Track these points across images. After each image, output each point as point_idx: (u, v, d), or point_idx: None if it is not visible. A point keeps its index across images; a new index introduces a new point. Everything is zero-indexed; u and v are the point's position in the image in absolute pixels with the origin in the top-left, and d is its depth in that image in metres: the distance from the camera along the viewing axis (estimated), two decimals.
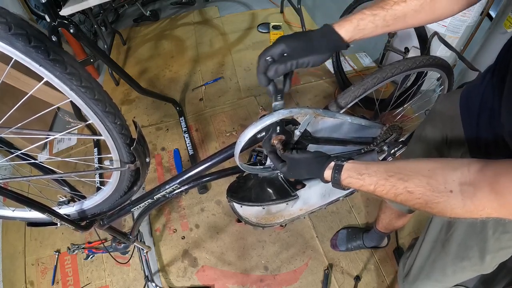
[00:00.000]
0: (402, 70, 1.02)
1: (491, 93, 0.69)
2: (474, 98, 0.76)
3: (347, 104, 1.01)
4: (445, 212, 0.51)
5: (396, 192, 0.54)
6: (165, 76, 2.41)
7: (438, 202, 0.50)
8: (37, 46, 0.45)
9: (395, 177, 0.55)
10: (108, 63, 1.59)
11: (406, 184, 0.53)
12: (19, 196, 0.68)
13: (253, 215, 1.02)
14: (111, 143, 0.65)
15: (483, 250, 0.75)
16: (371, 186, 0.58)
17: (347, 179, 0.62)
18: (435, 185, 0.51)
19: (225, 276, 1.49)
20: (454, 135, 0.83)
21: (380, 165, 0.59)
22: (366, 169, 0.60)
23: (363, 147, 1.06)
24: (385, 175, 0.56)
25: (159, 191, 0.89)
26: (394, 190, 0.55)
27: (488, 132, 0.70)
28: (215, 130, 2.01)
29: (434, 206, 0.51)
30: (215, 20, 2.86)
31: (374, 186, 0.58)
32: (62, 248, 1.62)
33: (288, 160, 0.73)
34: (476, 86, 0.77)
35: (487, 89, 0.71)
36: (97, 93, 0.55)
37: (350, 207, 1.67)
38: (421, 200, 0.52)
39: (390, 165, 0.58)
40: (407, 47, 1.87)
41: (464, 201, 0.48)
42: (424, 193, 0.51)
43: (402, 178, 0.54)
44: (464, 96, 0.82)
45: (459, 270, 0.83)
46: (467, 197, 0.48)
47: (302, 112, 0.73)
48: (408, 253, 1.04)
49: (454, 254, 0.81)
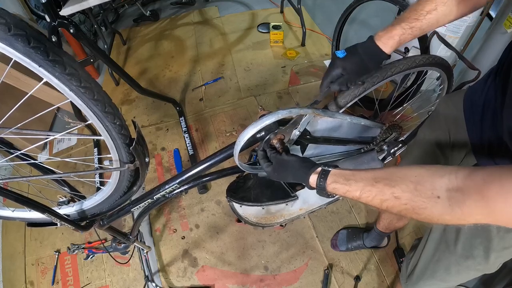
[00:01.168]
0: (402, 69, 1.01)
1: (493, 95, 0.69)
2: (477, 99, 0.76)
3: (347, 103, 1.01)
4: (431, 218, 0.50)
5: (383, 198, 0.54)
6: (165, 76, 2.41)
7: (425, 208, 0.50)
8: (36, 46, 0.45)
9: (381, 183, 0.54)
10: (108, 63, 1.59)
11: (393, 189, 0.52)
12: (19, 197, 0.68)
13: (253, 215, 1.02)
14: (110, 143, 0.65)
15: (487, 249, 0.75)
16: (357, 192, 0.57)
17: (332, 184, 0.62)
18: (422, 191, 0.50)
19: (225, 276, 1.49)
20: (458, 136, 0.84)
21: (368, 172, 0.58)
22: (353, 175, 0.59)
23: (363, 146, 1.06)
24: (372, 181, 0.55)
25: (159, 191, 0.89)
26: (380, 196, 0.54)
27: (491, 134, 0.70)
28: (215, 130, 2.01)
29: (421, 212, 0.50)
30: (215, 20, 2.86)
31: (360, 192, 0.57)
32: (62, 248, 1.62)
33: (274, 161, 0.72)
34: (479, 87, 0.77)
35: (490, 90, 0.72)
36: (96, 93, 0.55)
37: (350, 207, 1.67)
38: (408, 206, 0.51)
39: (378, 172, 0.57)
40: (407, 46, 1.86)
41: (452, 207, 0.47)
42: (411, 199, 0.51)
43: (389, 184, 0.53)
44: (468, 97, 0.82)
45: (464, 269, 0.83)
46: (455, 203, 0.47)
47: (302, 111, 0.73)
48: (411, 254, 1.04)
49: (459, 253, 0.81)
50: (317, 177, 0.64)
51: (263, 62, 2.39)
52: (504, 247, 0.74)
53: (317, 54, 2.46)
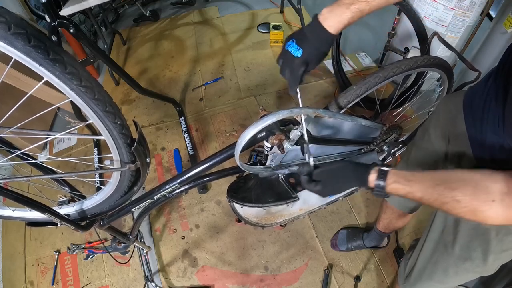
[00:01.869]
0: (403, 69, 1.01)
1: (494, 96, 0.69)
2: (477, 101, 0.76)
3: (349, 103, 1.01)
4: (487, 220, 0.55)
5: (444, 200, 0.58)
6: (165, 76, 2.41)
7: (482, 211, 0.55)
8: (36, 45, 0.45)
9: (442, 186, 0.58)
10: (108, 63, 1.59)
11: (453, 193, 0.57)
12: (19, 196, 0.68)
13: (253, 215, 1.02)
14: (111, 143, 0.65)
15: (486, 252, 0.75)
16: (418, 193, 0.60)
17: (393, 184, 0.63)
18: (479, 195, 0.55)
19: (225, 276, 1.49)
20: (457, 138, 0.83)
21: (426, 173, 0.62)
22: (413, 176, 0.62)
23: (363, 147, 1.06)
24: (432, 183, 0.59)
25: (159, 191, 0.89)
26: (442, 198, 0.58)
27: (493, 136, 0.69)
28: (215, 130, 2.01)
29: (478, 214, 0.55)
30: (215, 20, 2.86)
31: (422, 194, 0.60)
32: (62, 248, 1.62)
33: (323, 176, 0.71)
34: (479, 89, 0.77)
35: (490, 91, 0.71)
36: (97, 92, 0.55)
37: (350, 207, 1.67)
38: (466, 209, 0.56)
39: (435, 174, 0.61)
40: (407, 47, 1.87)
41: (504, 210, 0.53)
42: (470, 202, 0.55)
43: (449, 187, 0.57)
44: (468, 98, 0.81)
45: (462, 271, 0.83)
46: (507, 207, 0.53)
47: (303, 112, 0.73)
48: (409, 254, 1.04)
49: (457, 256, 0.81)
50: (375, 177, 0.65)
51: (263, 62, 2.39)
52: (503, 249, 0.74)
53: None
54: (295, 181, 0.99)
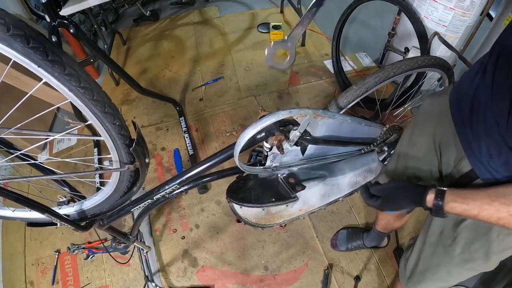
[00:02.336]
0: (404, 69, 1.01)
1: (483, 94, 0.66)
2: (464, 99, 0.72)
3: (349, 103, 1.01)
4: None
5: (500, 216, 0.59)
6: (165, 76, 2.41)
7: None
8: (35, 47, 0.45)
9: (497, 202, 0.60)
10: (108, 63, 1.59)
11: (509, 208, 0.58)
12: (19, 197, 0.68)
13: (253, 215, 1.02)
14: (110, 143, 0.65)
15: (488, 252, 0.75)
16: (474, 210, 0.62)
17: (450, 203, 0.65)
18: None
19: (225, 276, 1.49)
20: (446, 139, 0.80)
21: (481, 190, 0.63)
22: (469, 194, 0.64)
23: (363, 147, 1.06)
24: (488, 199, 0.61)
25: (159, 192, 0.89)
26: (498, 214, 0.60)
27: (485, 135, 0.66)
28: (215, 130, 2.01)
29: None
30: (215, 20, 2.86)
31: (478, 210, 0.61)
32: (62, 248, 1.62)
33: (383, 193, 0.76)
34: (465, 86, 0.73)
35: (478, 90, 0.68)
36: (96, 93, 0.55)
37: (350, 207, 1.67)
38: None
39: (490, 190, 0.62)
40: (407, 47, 1.86)
41: None
42: None
43: (504, 203, 0.59)
44: (454, 97, 0.78)
45: (465, 271, 0.84)
46: None
47: (302, 112, 0.73)
48: (407, 254, 1.03)
49: (459, 258, 0.81)
50: (433, 197, 0.67)
51: (263, 62, 2.38)
52: (504, 248, 0.74)
53: (317, 54, 2.46)
54: (295, 181, 0.99)
